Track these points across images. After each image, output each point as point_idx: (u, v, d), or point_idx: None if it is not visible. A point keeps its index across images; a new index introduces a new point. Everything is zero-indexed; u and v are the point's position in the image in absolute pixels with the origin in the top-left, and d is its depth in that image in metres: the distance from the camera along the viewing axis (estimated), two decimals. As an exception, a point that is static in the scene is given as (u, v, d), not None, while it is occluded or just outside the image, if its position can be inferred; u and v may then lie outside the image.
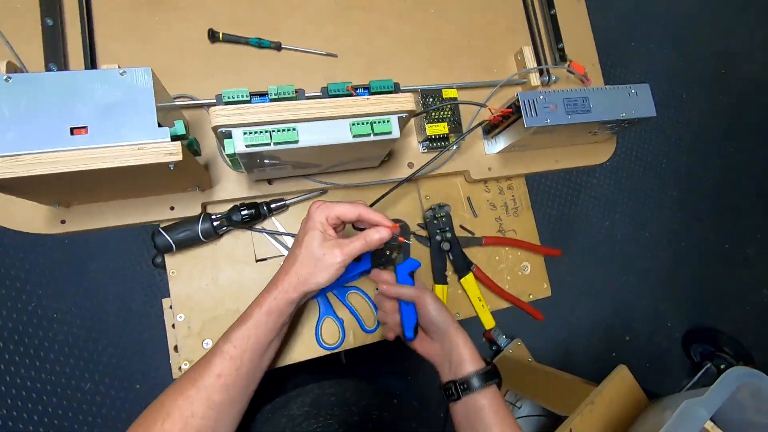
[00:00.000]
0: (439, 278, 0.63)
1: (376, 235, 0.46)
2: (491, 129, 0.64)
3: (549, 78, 0.68)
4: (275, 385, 0.67)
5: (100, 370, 1.31)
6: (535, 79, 0.66)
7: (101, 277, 1.34)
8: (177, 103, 0.53)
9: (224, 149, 0.44)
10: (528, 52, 0.66)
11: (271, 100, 0.49)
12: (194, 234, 0.53)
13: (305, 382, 0.59)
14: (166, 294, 0.57)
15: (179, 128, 0.43)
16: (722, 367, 1.62)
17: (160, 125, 0.41)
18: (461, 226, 0.66)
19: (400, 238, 0.51)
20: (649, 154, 1.93)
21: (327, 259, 0.44)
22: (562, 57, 0.69)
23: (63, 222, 0.51)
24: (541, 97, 0.55)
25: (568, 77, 0.70)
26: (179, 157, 0.39)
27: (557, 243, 1.73)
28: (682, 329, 1.86)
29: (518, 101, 0.55)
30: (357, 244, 0.45)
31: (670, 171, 1.95)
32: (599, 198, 1.83)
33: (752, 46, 2.13)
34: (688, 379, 1.69)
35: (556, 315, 1.70)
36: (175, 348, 0.60)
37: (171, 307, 0.56)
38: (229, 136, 0.42)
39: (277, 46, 0.59)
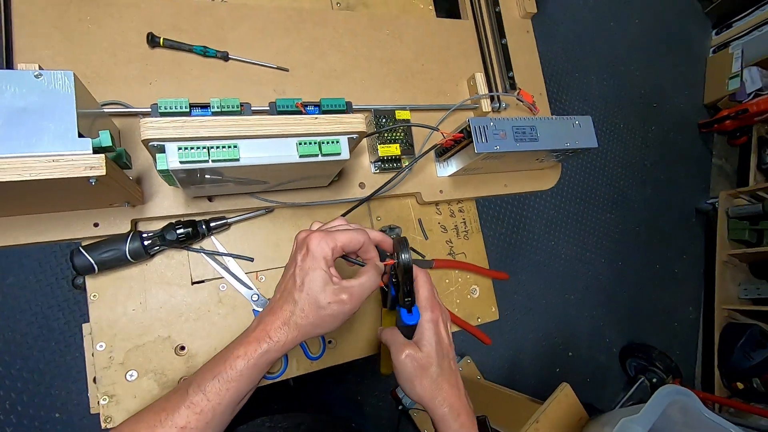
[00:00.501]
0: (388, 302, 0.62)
1: (383, 268, 0.41)
2: (443, 152, 0.64)
3: (499, 105, 0.69)
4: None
5: (12, 396, 1.17)
6: (486, 105, 0.68)
7: (19, 293, 1.20)
8: (106, 110, 0.49)
9: (155, 164, 0.40)
10: (480, 79, 0.68)
11: (213, 114, 0.46)
12: (121, 254, 0.48)
13: (254, 414, 0.55)
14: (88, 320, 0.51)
15: (104, 139, 0.39)
16: (654, 381, 1.73)
17: (81, 135, 0.37)
18: (412, 248, 0.65)
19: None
20: (590, 178, 2.05)
21: (333, 309, 0.38)
22: (512, 85, 0.71)
23: (-39, 238, 0.44)
24: (492, 124, 0.56)
25: (517, 104, 0.73)
26: (102, 172, 0.36)
27: (504, 262, 1.78)
28: (619, 344, 1.97)
29: (469, 127, 0.55)
30: (366, 285, 0.39)
31: (608, 194, 2.08)
32: (545, 219, 1.91)
33: (676, 82, 2.34)
34: (624, 392, 1.79)
35: (503, 332, 1.73)
36: (94, 380, 0.54)
37: (91, 333, 0.50)
38: (161, 150, 0.39)
39: (224, 56, 0.56)
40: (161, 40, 0.54)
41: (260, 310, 0.54)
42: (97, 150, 0.37)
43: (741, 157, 2.37)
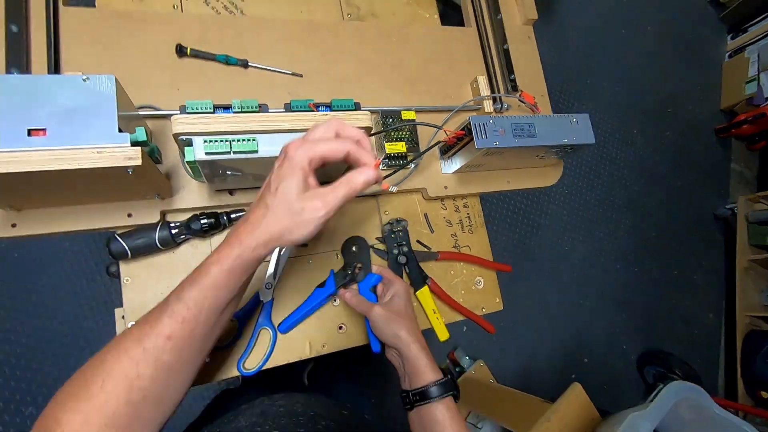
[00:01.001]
0: (396, 291, 0.65)
1: (361, 178, 0.39)
2: (447, 150, 0.68)
3: (501, 106, 0.73)
4: (229, 402, 0.66)
5: (44, 392, 1.23)
6: (488, 106, 0.71)
7: (51, 293, 1.28)
8: (140, 112, 0.54)
9: (184, 157, 0.45)
10: (482, 81, 0.72)
11: (235, 113, 0.51)
12: (151, 241, 0.54)
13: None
14: (120, 306, 0.56)
15: (140, 135, 0.44)
16: (672, 387, 1.69)
17: (121, 131, 0.42)
18: (418, 241, 0.69)
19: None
20: (604, 183, 2.05)
21: (306, 214, 0.37)
22: (513, 87, 0.75)
23: (14, 225, 0.50)
24: (491, 121, 0.59)
25: (519, 106, 0.76)
26: (138, 162, 0.41)
27: (518, 266, 1.79)
28: (636, 351, 1.94)
29: (470, 124, 0.59)
30: (340, 192, 0.38)
31: (624, 199, 2.07)
32: (560, 224, 1.91)
33: (692, 88, 2.33)
34: (643, 400, 1.76)
35: (517, 337, 1.73)
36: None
37: (123, 317, 0.55)
38: (189, 143, 0.44)
39: (244, 64, 0.62)
40: (188, 50, 0.59)
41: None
42: (134, 144, 0.42)
43: (761, 161, 2.34)
